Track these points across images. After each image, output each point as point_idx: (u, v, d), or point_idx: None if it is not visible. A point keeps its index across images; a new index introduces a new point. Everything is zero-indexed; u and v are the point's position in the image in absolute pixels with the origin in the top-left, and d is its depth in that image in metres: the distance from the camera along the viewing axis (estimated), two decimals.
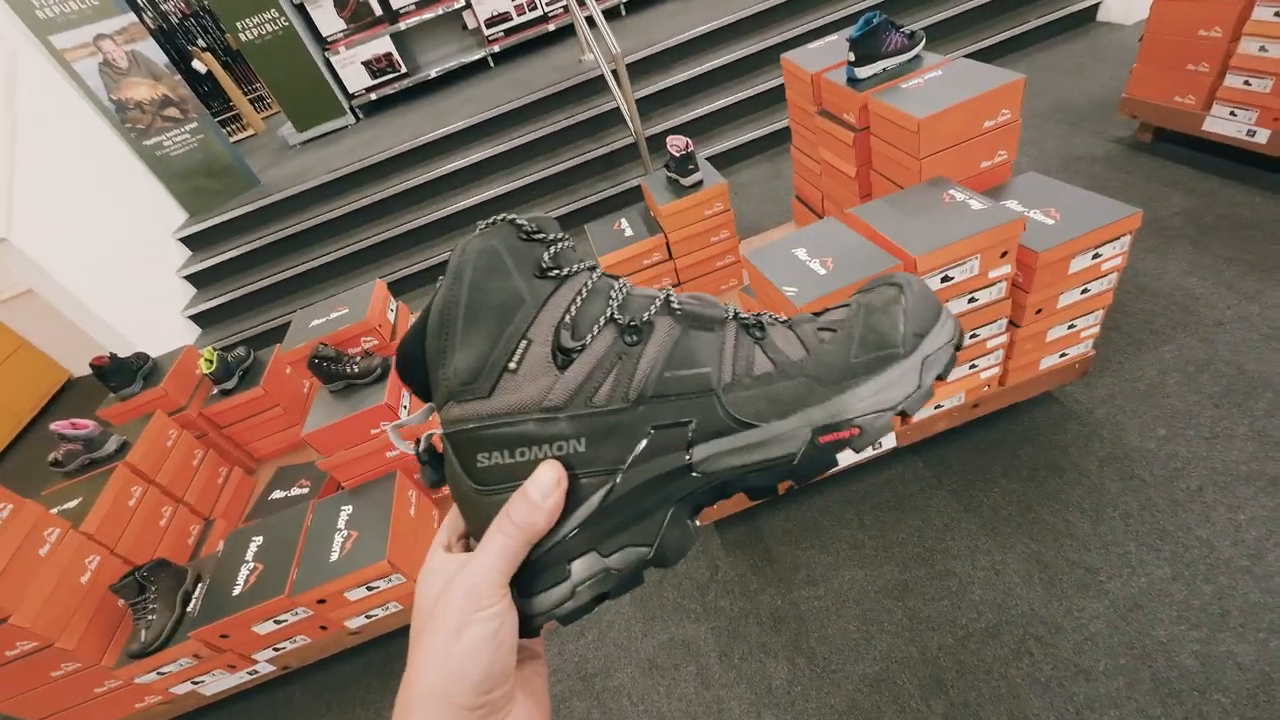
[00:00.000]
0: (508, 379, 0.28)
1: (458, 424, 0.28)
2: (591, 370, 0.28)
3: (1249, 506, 1.21)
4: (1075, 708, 1.05)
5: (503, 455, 0.28)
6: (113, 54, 3.03)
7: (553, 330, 0.28)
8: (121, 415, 1.83)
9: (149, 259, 3.18)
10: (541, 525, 0.27)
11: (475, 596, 0.26)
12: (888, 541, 1.38)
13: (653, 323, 0.29)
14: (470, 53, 4.05)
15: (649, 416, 0.28)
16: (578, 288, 0.29)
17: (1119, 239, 1.20)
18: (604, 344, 0.28)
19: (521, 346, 0.28)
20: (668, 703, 1.26)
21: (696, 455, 0.28)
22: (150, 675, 1.36)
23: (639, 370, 0.28)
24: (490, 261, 0.28)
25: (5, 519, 1.27)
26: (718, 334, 0.29)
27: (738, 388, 0.28)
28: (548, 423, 0.28)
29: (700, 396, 0.28)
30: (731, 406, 0.28)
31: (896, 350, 0.28)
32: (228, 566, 1.41)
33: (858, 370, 0.28)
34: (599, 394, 0.28)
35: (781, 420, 0.28)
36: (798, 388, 0.28)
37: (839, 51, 1.65)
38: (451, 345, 0.28)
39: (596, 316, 0.29)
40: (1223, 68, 1.80)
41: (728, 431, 0.28)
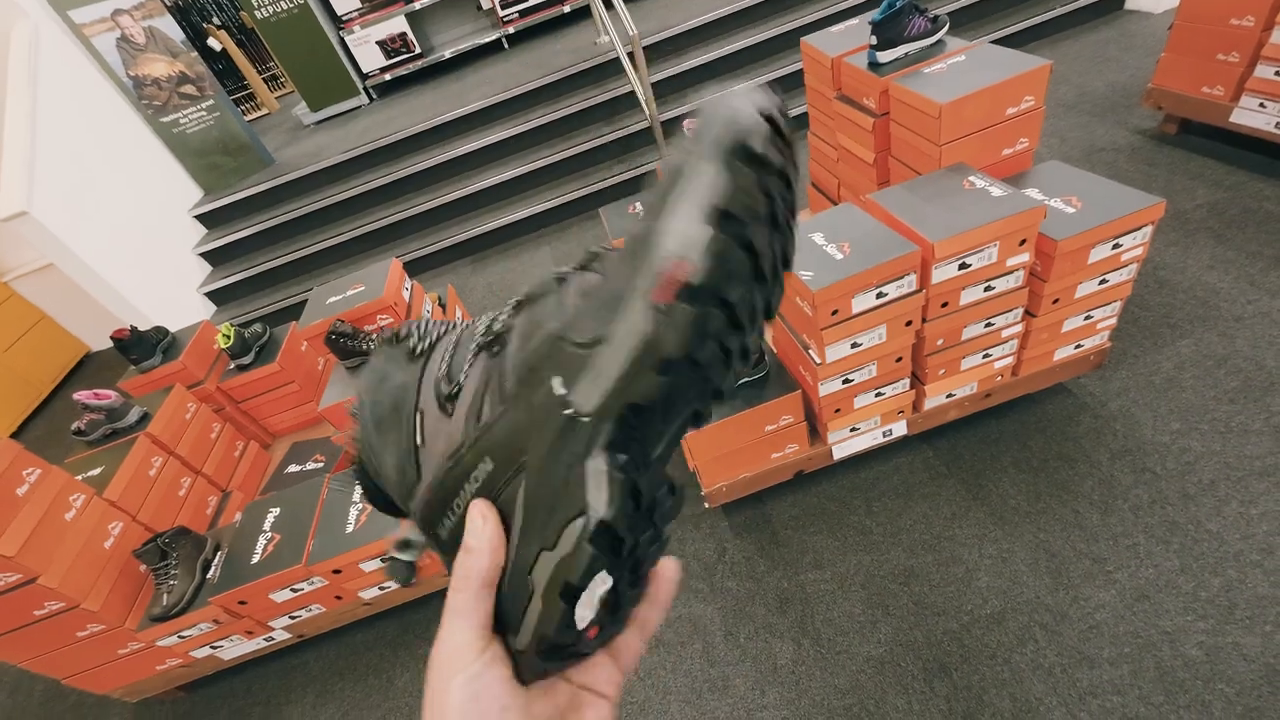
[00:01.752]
0: (423, 454, 0.29)
1: (417, 512, 0.29)
2: (473, 396, 0.28)
3: (1262, 501, 1.21)
4: (1078, 693, 1.06)
5: (448, 519, 0.28)
6: (130, 29, 3.04)
7: (433, 388, 0.29)
8: (141, 388, 1.87)
9: (166, 235, 3.21)
10: (486, 564, 0.26)
11: (449, 665, 0.25)
12: (895, 528, 1.39)
13: (511, 325, 0.29)
14: (485, 34, 4.02)
15: (524, 399, 0.27)
16: (447, 345, 0.30)
17: (1140, 229, 1.18)
18: (479, 370, 0.29)
19: (418, 420, 0.29)
20: (674, 678, 1.28)
21: (575, 402, 0.25)
22: (171, 638, 1.41)
23: (509, 368, 0.28)
24: (374, 378, 0.31)
25: (34, 483, 1.31)
26: (555, 293, 0.28)
27: (575, 317, 0.26)
28: (456, 465, 0.28)
29: (550, 348, 0.26)
30: (576, 337, 0.26)
31: (681, 170, 0.24)
32: (246, 536, 1.44)
33: (657, 209, 0.24)
34: (484, 412, 0.28)
35: (621, 318, 0.25)
36: (617, 273, 0.25)
37: (860, 35, 1.63)
38: (381, 463, 0.30)
39: (466, 354, 0.29)
40: (1254, 58, 1.76)
41: (584, 362, 0.25)
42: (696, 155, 0.24)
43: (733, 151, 0.24)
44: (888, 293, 1.16)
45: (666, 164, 0.26)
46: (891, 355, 1.26)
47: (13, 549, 1.22)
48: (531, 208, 3.06)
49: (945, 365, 1.33)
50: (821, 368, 1.22)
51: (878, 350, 1.23)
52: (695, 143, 0.25)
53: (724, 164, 0.24)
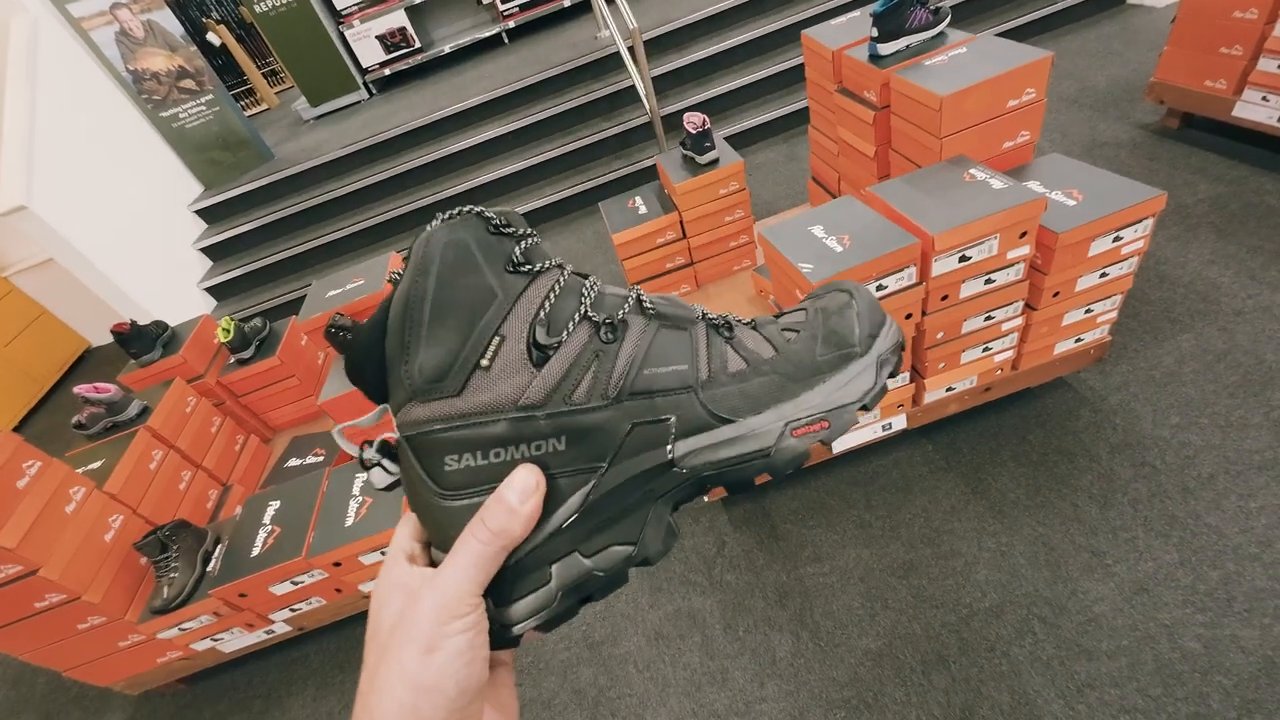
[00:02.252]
0: (480, 377, 0.27)
1: (422, 426, 0.27)
2: (569, 367, 0.27)
3: (1261, 495, 1.21)
4: (1076, 686, 1.07)
5: (474, 458, 0.27)
6: (129, 23, 3.03)
7: (527, 326, 0.27)
8: (141, 381, 1.87)
9: (166, 230, 3.21)
10: (519, 531, 0.26)
11: (448, 609, 0.25)
12: (894, 522, 1.39)
13: (627, 321, 0.29)
14: (485, 28, 4.01)
15: (629, 414, 0.28)
16: (550, 284, 0.28)
17: (1141, 222, 1.18)
18: (579, 341, 0.28)
19: (495, 343, 0.27)
20: (673, 670, 1.29)
21: (678, 451, 0.28)
22: (172, 631, 1.41)
23: (617, 367, 0.28)
24: (459, 254, 0.27)
25: (34, 476, 1.31)
26: (689, 333, 0.30)
27: (714, 385, 0.29)
28: (525, 422, 0.27)
29: (679, 394, 0.28)
30: (709, 403, 0.28)
31: (854, 349, 0.30)
32: (246, 529, 1.44)
33: (823, 367, 0.29)
34: (577, 391, 0.27)
35: (757, 415, 0.28)
36: (770, 384, 0.29)
37: (861, 28, 1.62)
38: (415, 341, 0.26)
39: (571, 313, 0.28)
40: (1257, 51, 1.75)
41: (707, 427, 0.28)
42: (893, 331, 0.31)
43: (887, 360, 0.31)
44: (887, 285, 1.15)
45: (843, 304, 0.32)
46: None
47: (13, 541, 1.22)
48: (532, 203, 3.05)
49: (945, 358, 1.33)
50: None
51: None
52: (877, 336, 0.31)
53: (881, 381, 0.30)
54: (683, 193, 1.73)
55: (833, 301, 0.32)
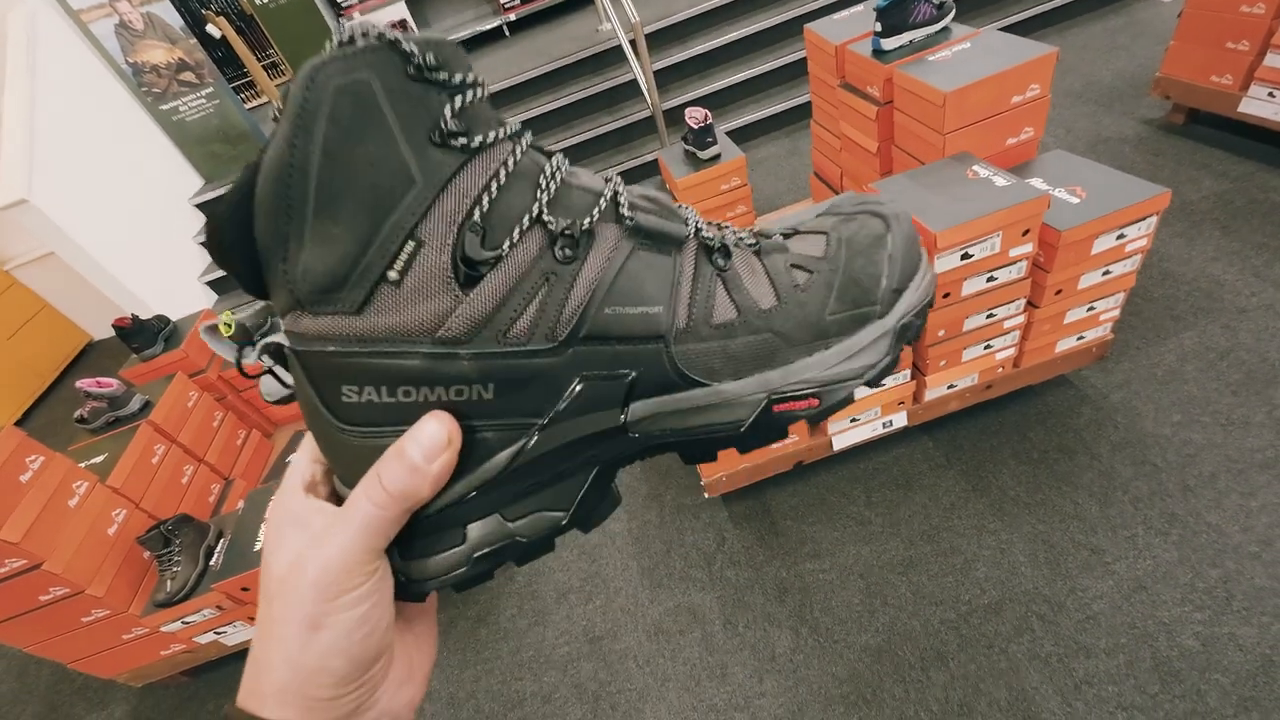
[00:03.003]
0: (386, 292, 0.20)
1: (313, 342, 0.21)
2: (508, 293, 0.21)
3: (1262, 493, 1.21)
4: (1074, 683, 1.07)
5: (379, 393, 0.21)
6: (128, 15, 3.01)
7: (455, 230, 0.20)
8: (143, 376, 1.87)
9: (166, 224, 3.21)
10: (424, 494, 0.22)
11: (335, 582, 0.21)
12: (894, 519, 1.39)
13: (594, 232, 0.22)
14: (485, 21, 3.98)
15: (579, 363, 0.22)
16: (494, 167, 0.20)
17: (1145, 220, 1.17)
18: (526, 256, 0.21)
19: (407, 248, 0.20)
20: (672, 666, 1.30)
21: (633, 413, 0.23)
22: (175, 624, 1.42)
23: (572, 299, 0.21)
24: (359, 109, 0.18)
25: (37, 471, 1.32)
26: (674, 260, 0.23)
27: (691, 337, 0.23)
28: (444, 359, 0.21)
29: (645, 343, 0.22)
30: (681, 359, 0.23)
31: (874, 309, 0.24)
32: (248, 523, 1.45)
33: (830, 329, 0.24)
34: (515, 327, 0.21)
35: (736, 381, 0.23)
36: (760, 345, 0.24)
37: (865, 22, 1.61)
38: (297, 232, 0.19)
39: (519, 214, 0.21)
40: (1264, 46, 1.74)
41: (672, 389, 0.23)
42: (925, 282, 0.27)
43: (910, 320, 0.26)
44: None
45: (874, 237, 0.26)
46: None
47: (17, 535, 1.22)
48: None
49: (946, 356, 1.32)
50: None
51: None
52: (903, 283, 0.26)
53: (895, 353, 0.26)
54: (684, 188, 1.72)
55: (862, 231, 0.26)
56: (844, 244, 0.25)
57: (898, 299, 0.25)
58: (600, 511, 0.25)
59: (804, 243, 0.26)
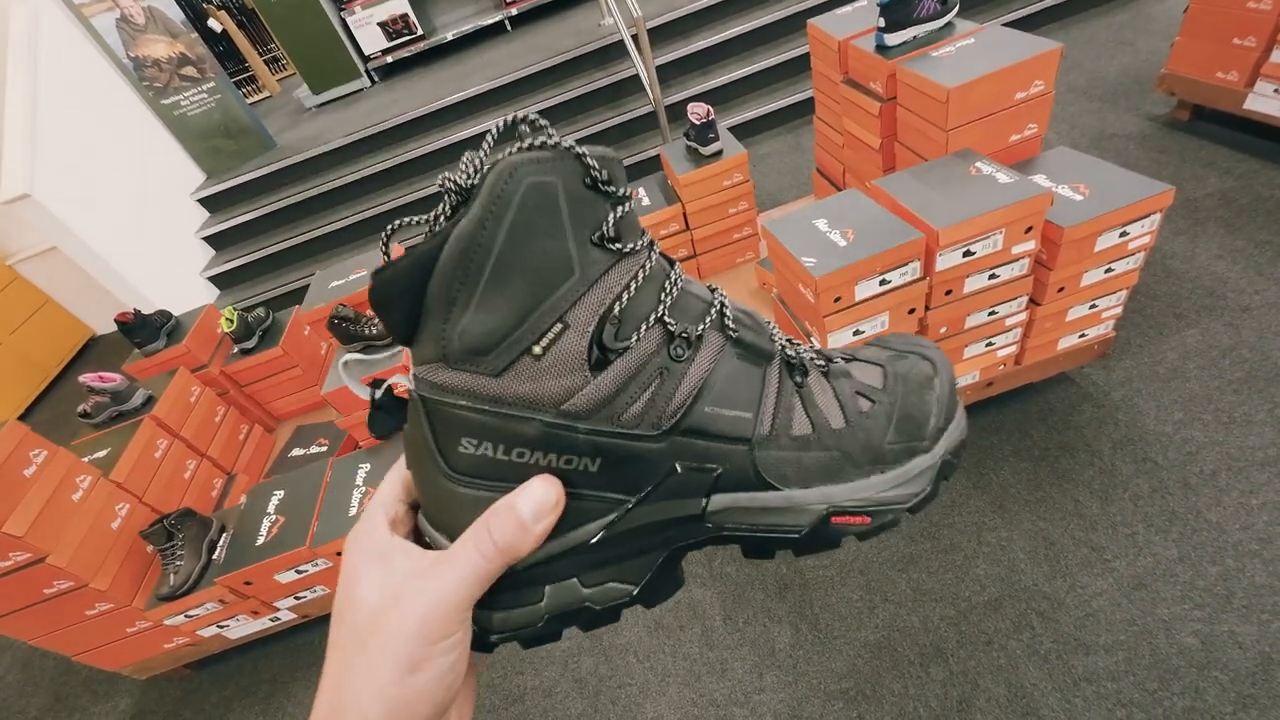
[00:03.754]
0: (527, 363, 0.23)
1: (445, 393, 0.23)
2: (628, 380, 0.23)
3: (1263, 491, 1.21)
4: (1073, 679, 1.07)
5: (494, 449, 0.23)
6: (129, 9, 3.01)
7: (596, 319, 0.23)
8: (146, 371, 1.88)
9: (168, 219, 3.21)
10: (525, 551, 0.24)
11: (438, 626, 0.22)
12: None
13: (704, 337, 0.25)
14: (487, 15, 3.97)
15: (676, 452, 0.25)
16: (634, 270, 0.24)
17: (1148, 217, 1.17)
18: (646, 350, 0.24)
19: (555, 330, 0.23)
20: (672, 661, 1.30)
21: (713, 505, 0.26)
22: (178, 618, 1.43)
23: (679, 394, 0.24)
24: (542, 205, 0.22)
25: (41, 465, 1.32)
26: (763, 371, 0.26)
27: (772, 444, 0.26)
28: (562, 430, 0.23)
29: (734, 443, 0.25)
30: (761, 464, 0.26)
31: (923, 444, 0.27)
32: (251, 518, 1.46)
33: (888, 456, 0.27)
34: (630, 411, 0.24)
35: (803, 490, 0.26)
36: (829, 461, 0.26)
37: (868, 17, 1.60)
38: (466, 299, 0.22)
39: (646, 313, 0.24)
40: (1270, 42, 1.73)
41: (749, 487, 0.26)
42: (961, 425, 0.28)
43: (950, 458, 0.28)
44: (891, 280, 1.15)
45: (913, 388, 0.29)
46: None
47: (21, 529, 1.23)
48: None
49: (948, 353, 1.32)
50: None
51: None
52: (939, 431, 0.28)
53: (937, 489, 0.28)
54: (686, 184, 1.72)
55: (915, 372, 0.29)
56: (900, 380, 0.28)
57: (940, 437, 0.28)
58: (665, 591, 0.27)
59: (863, 371, 0.29)
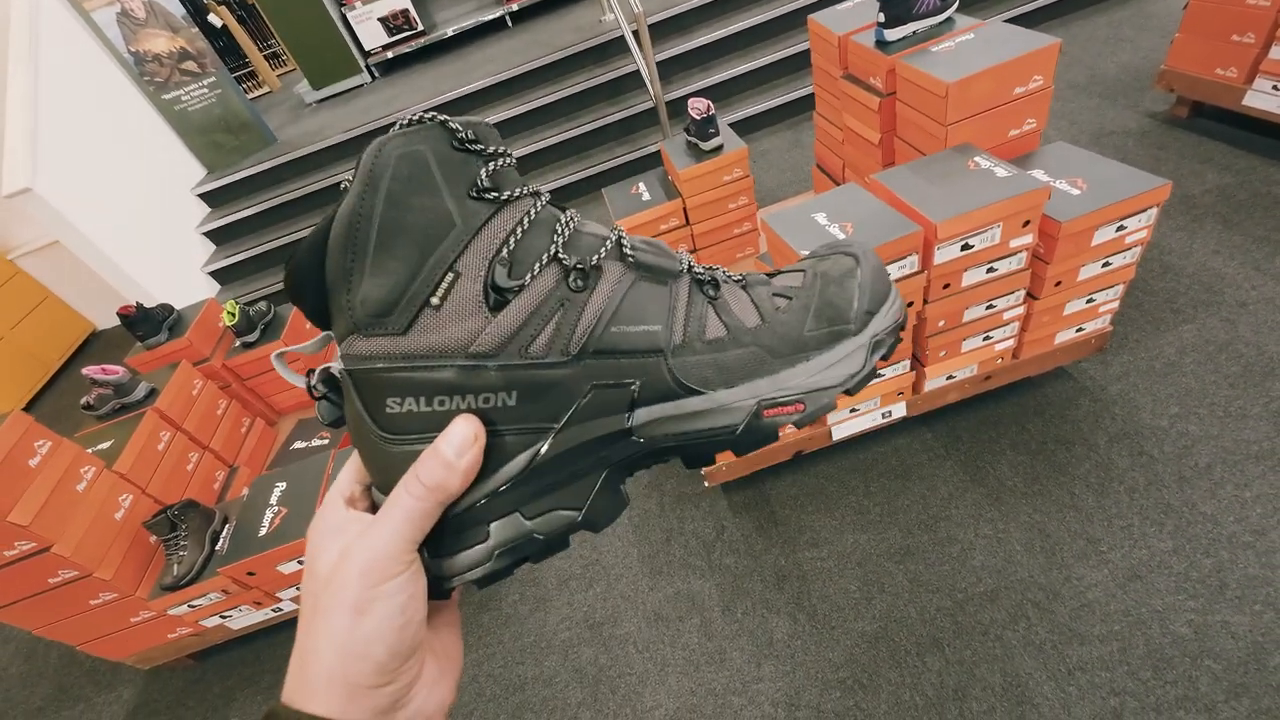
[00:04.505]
0: (428, 315, 0.24)
1: (363, 361, 0.24)
2: (529, 315, 0.25)
3: (1257, 484, 1.22)
4: (1068, 669, 1.09)
5: (417, 403, 0.25)
6: (130, 3, 3.01)
7: (486, 264, 0.24)
8: (148, 364, 1.89)
9: (169, 213, 3.21)
10: (455, 486, 0.24)
11: (378, 568, 0.23)
12: (892, 508, 1.41)
13: (601, 267, 0.26)
14: (487, 11, 3.96)
15: (590, 374, 0.25)
16: (518, 216, 0.25)
17: (1145, 212, 1.18)
18: (545, 286, 0.25)
19: (448, 279, 0.24)
20: (671, 651, 1.31)
21: (637, 418, 0.26)
22: (182, 608, 1.44)
23: (583, 321, 0.25)
24: (414, 171, 0.24)
25: (45, 455, 1.33)
26: (670, 288, 0.27)
27: (687, 351, 0.27)
28: (474, 371, 0.24)
29: (647, 356, 0.26)
30: (679, 370, 0.26)
31: (848, 327, 0.28)
32: (253, 509, 1.47)
33: (809, 344, 0.27)
34: (535, 344, 0.25)
35: (728, 390, 0.26)
36: (748, 357, 0.27)
37: (869, 13, 1.61)
38: (360, 267, 0.24)
39: (539, 253, 0.25)
40: (1269, 39, 1.73)
41: (672, 396, 0.26)
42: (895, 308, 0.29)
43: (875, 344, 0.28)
44: (889, 273, 1.16)
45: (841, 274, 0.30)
46: None
47: (26, 518, 1.24)
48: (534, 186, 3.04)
49: (946, 347, 1.33)
50: None
51: None
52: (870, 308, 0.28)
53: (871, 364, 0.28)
54: (686, 179, 1.73)
55: (835, 266, 0.30)
56: (819, 276, 0.30)
57: (869, 319, 0.28)
58: (610, 511, 0.28)
59: (785, 279, 0.31)
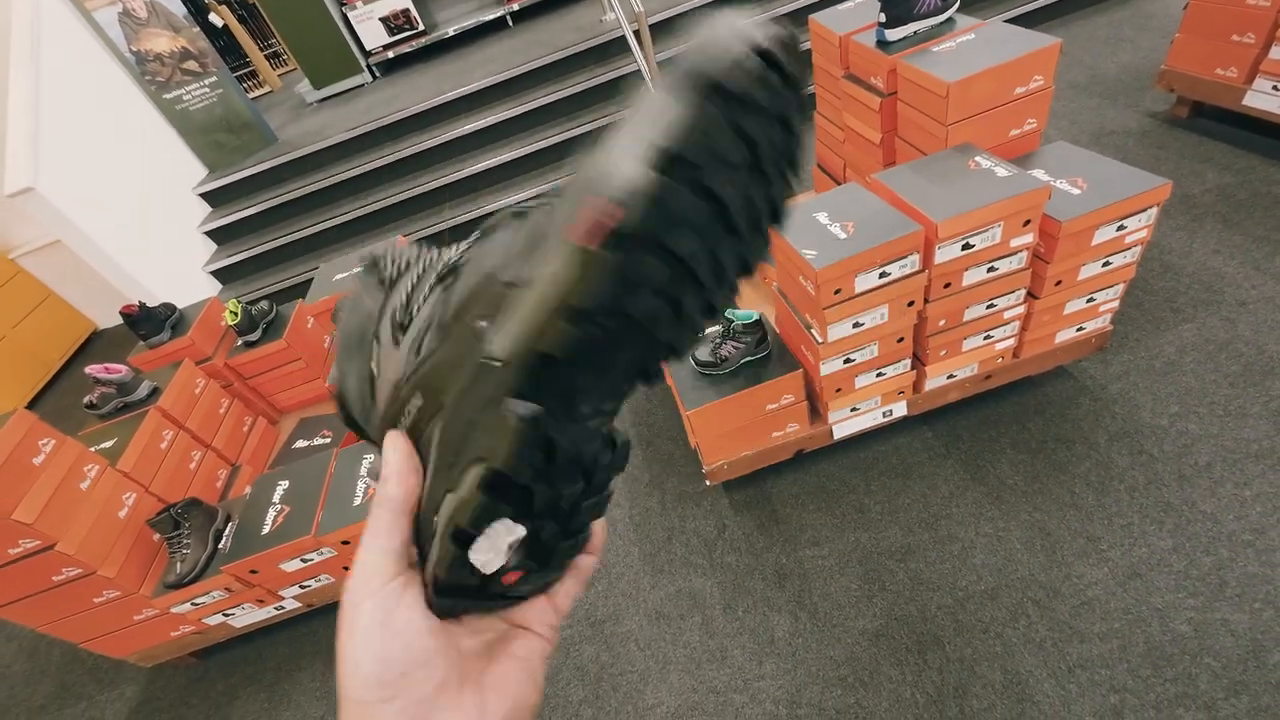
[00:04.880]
0: (378, 383, 0.29)
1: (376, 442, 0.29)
2: (419, 330, 0.27)
3: (1256, 483, 1.22)
4: (1067, 666, 1.09)
5: None
6: (132, 3, 3.01)
7: (389, 317, 0.29)
8: (151, 363, 1.89)
9: (171, 213, 3.21)
10: (396, 493, 0.26)
11: (357, 588, 0.25)
12: (893, 506, 1.41)
13: (467, 257, 0.28)
14: (489, 10, 3.96)
15: (454, 337, 0.26)
16: (415, 273, 0.29)
17: (1145, 211, 1.18)
18: (434, 301, 0.28)
19: (374, 349, 0.29)
20: (673, 649, 1.32)
21: (489, 346, 0.24)
22: (185, 605, 1.44)
23: (450, 303, 0.27)
24: (349, 305, 0.31)
25: (49, 454, 1.34)
26: (508, 228, 0.27)
27: (510, 255, 0.25)
28: (395, 399, 0.28)
29: (481, 286, 0.25)
30: (504, 274, 0.24)
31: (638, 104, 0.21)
32: (256, 508, 1.47)
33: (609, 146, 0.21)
34: (424, 346, 0.27)
35: (541, 259, 0.22)
36: (554, 212, 0.23)
37: (870, 13, 1.61)
38: (347, 385, 0.30)
39: (426, 285, 0.28)
40: (1269, 39, 1.74)
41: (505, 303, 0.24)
42: (658, 89, 0.20)
43: (699, 86, 0.20)
44: (890, 273, 1.16)
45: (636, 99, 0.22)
46: (893, 335, 1.27)
47: (30, 516, 1.25)
48: (534, 188, 3.05)
49: (946, 346, 1.34)
50: (823, 347, 1.24)
51: (879, 330, 1.24)
52: (664, 75, 0.21)
53: (685, 100, 0.20)
54: None
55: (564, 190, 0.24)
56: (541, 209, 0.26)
57: None
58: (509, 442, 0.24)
59: None
